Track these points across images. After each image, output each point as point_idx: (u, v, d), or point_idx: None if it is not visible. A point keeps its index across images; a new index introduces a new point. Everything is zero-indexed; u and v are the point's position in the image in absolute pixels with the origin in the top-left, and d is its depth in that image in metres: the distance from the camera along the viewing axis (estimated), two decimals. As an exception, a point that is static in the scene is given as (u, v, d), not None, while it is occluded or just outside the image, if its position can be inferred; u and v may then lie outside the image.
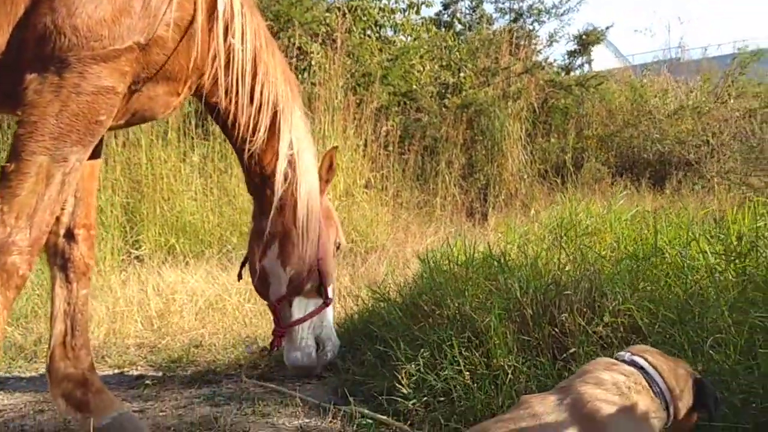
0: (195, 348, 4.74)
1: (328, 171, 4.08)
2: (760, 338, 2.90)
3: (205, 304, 5.65)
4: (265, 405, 3.60)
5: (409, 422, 3.25)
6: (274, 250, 3.84)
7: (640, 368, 2.32)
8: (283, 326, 3.88)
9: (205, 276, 6.27)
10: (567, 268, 3.80)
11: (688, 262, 3.65)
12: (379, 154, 9.68)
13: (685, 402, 2.32)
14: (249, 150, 3.67)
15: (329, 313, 4.07)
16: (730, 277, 3.46)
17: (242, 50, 3.50)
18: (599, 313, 3.39)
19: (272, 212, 3.78)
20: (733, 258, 3.58)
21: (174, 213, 7.87)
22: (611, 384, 2.27)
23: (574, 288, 3.52)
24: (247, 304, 5.59)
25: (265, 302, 4.07)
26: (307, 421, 3.40)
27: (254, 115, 3.61)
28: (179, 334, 5.11)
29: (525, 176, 10.38)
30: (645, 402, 2.24)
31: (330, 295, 4.02)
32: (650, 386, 2.28)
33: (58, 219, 3.28)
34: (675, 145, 10.90)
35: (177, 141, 8.57)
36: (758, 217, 4.35)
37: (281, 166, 3.75)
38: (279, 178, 3.75)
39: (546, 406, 2.27)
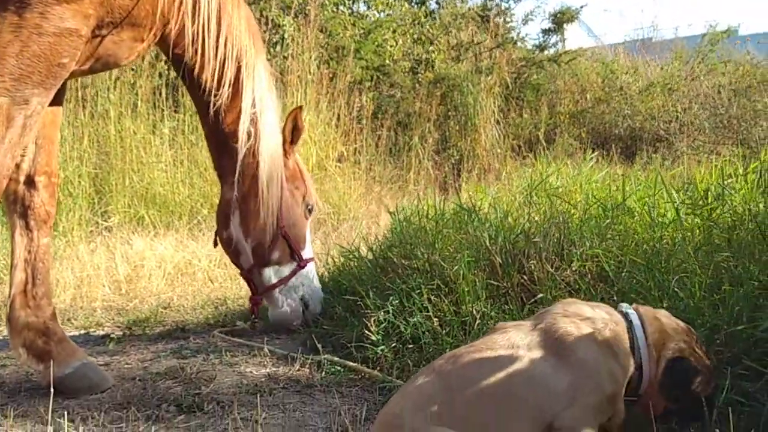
0: (163, 309, 4.68)
1: (293, 132, 3.99)
2: (725, 277, 2.92)
3: (174, 270, 5.59)
4: (232, 356, 3.56)
5: (378, 368, 3.23)
6: (237, 219, 3.81)
7: (629, 321, 2.30)
8: (258, 294, 3.87)
9: (174, 244, 6.20)
10: (536, 219, 3.79)
11: (655, 211, 3.66)
12: (352, 128, 9.63)
13: (655, 371, 2.22)
14: (214, 105, 3.63)
15: (312, 271, 4.02)
16: (697, 224, 3.49)
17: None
18: (567, 260, 3.39)
19: (235, 177, 3.74)
20: (699, 207, 3.60)
21: (143, 184, 7.77)
22: (588, 317, 2.25)
23: (543, 237, 3.52)
24: (217, 269, 5.54)
25: (239, 271, 4.05)
26: (275, 369, 3.37)
27: (218, 69, 3.56)
28: (147, 297, 5.05)
29: (498, 151, 10.39)
30: (617, 345, 2.20)
31: (308, 255, 3.98)
32: (630, 337, 2.23)
33: (18, 166, 3.21)
34: (646, 121, 10.97)
35: (147, 113, 8.46)
36: (724, 176, 4.39)
37: (244, 125, 3.70)
38: (242, 137, 3.69)
39: (520, 332, 2.27)
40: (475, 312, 3.24)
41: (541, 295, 3.23)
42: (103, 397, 3.09)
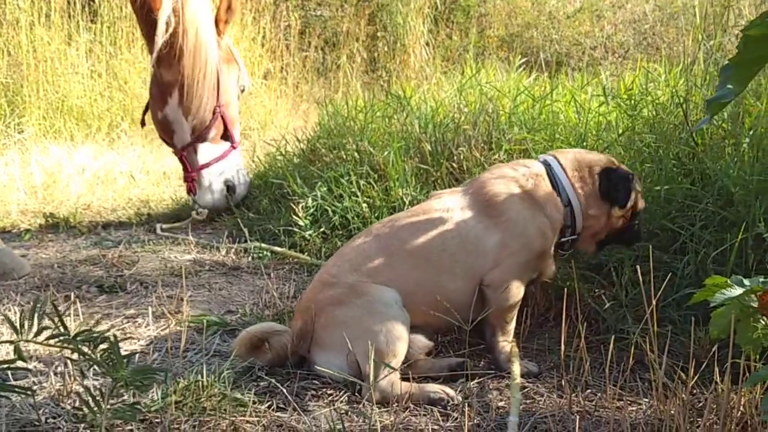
0: (84, 209, 4.50)
1: (227, 11, 3.93)
2: (647, 158, 2.99)
3: (94, 177, 5.37)
4: (156, 245, 3.47)
5: (306, 253, 3.20)
6: (175, 99, 3.79)
7: (548, 165, 2.33)
8: (193, 171, 3.82)
9: (93, 152, 5.96)
10: (466, 110, 3.78)
11: (582, 106, 3.70)
12: (279, 45, 9.38)
13: (588, 192, 2.29)
14: None
15: (238, 156, 4.06)
16: (621, 118, 3.55)
17: None
18: (496, 147, 3.41)
19: (174, 60, 3.72)
20: (624, 103, 3.65)
21: (59, 96, 7.41)
22: (512, 177, 2.28)
23: (473, 125, 3.52)
24: (139, 174, 5.36)
25: (171, 150, 4.03)
26: (200, 256, 3.30)
27: None
28: (66, 201, 4.84)
29: (427, 72, 10.32)
30: (541, 193, 2.25)
31: (237, 139, 3.99)
32: (552, 181, 2.29)
33: None
34: (573, 46, 11.07)
35: (61, 23, 8.01)
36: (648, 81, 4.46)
37: (164, 13, 3.63)
38: (161, 26, 3.63)
39: (453, 196, 2.29)
40: (404, 196, 3.23)
41: (470, 180, 3.24)
42: (20, 282, 2.97)
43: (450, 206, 2.25)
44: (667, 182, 2.74)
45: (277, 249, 3.25)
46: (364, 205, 3.25)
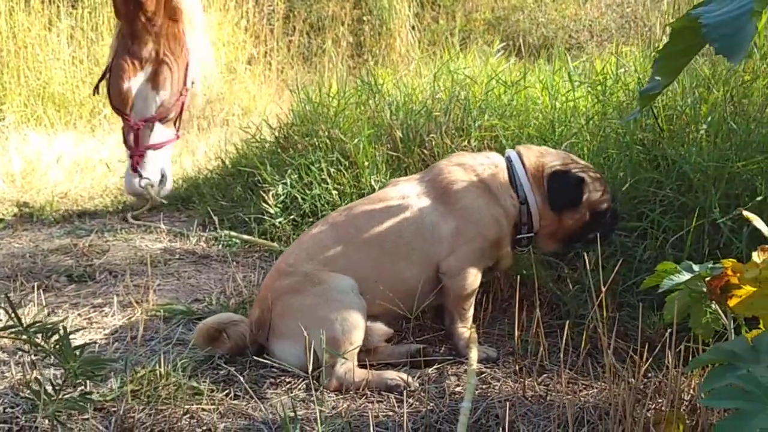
0: (60, 198, 4.50)
1: None
2: (612, 144, 3.01)
3: (73, 165, 5.37)
4: (128, 233, 3.48)
5: (276, 241, 3.22)
6: (147, 73, 3.87)
7: (510, 161, 2.34)
8: (143, 147, 3.85)
9: (73, 140, 5.95)
10: (438, 96, 3.78)
11: (554, 88, 3.71)
12: (263, 30, 9.34)
13: (542, 193, 2.29)
14: None
15: (172, 148, 4.20)
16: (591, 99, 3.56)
17: None
18: (467, 134, 3.42)
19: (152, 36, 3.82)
20: (594, 84, 3.66)
21: (40, 83, 7.37)
22: (468, 165, 2.30)
23: (445, 113, 3.53)
24: (119, 163, 5.35)
25: (121, 120, 4.07)
26: (171, 244, 3.31)
27: None
28: (44, 189, 4.84)
29: (413, 56, 10.29)
30: (497, 183, 2.27)
31: (179, 130, 4.11)
32: (511, 175, 2.30)
33: None
34: (559, 29, 11.06)
35: (41, 8, 7.95)
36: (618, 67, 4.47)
37: None
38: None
39: (410, 184, 2.31)
40: (374, 183, 3.24)
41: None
42: (-10, 271, 2.98)
43: (406, 193, 2.26)
44: (633, 169, 2.76)
45: (246, 237, 3.26)
46: (335, 192, 3.26)
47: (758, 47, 2.87)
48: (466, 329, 2.25)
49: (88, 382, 1.84)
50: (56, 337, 1.68)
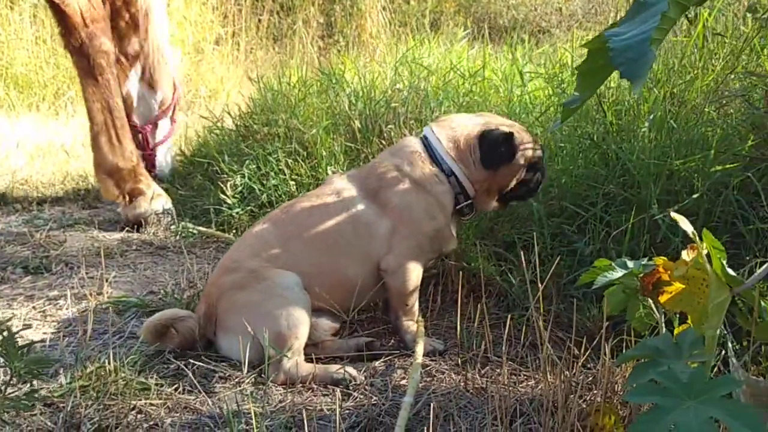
0: (20, 185, 4.48)
1: None
2: (565, 134, 3.07)
3: (35, 150, 5.33)
4: (86, 224, 3.49)
5: (233, 232, 3.25)
6: (138, 72, 3.79)
7: (426, 139, 2.36)
8: (152, 147, 3.86)
9: (36, 123, 5.89)
10: (398, 86, 3.82)
11: (512, 79, 3.76)
12: (231, 9, 9.25)
13: (469, 157, 2.32)
14: None
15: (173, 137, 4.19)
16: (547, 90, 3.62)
17: None
18: (425, 124, 3.46)
19: (140, 37, 3.79)
20: (550, 76, 3.72)
21: (2, 64, 7.27)
22: (392, 163, 2.32)
23: (403, 103, 3.56)
24: (81, 147, 5.32)
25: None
26: (129, 235, 3.33)
27: None
28: (4, 175, 4.80)
29: (384, 38, 10.27)
30: (420, 173, 2.29)
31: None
32: (430, 155, 2.32)
33: None
34: (530, 12, 11.10)
35: (3, -13, 7.82)
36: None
37: None
38: None
39: (343, 181, 2.34)
40: (332, 174, 3.27)
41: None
42: (-57, 262, 2.98)
43: (342, 191, 2.30)
44: (584, 163, 2.82)
45: (202, 229, 3.29)
46: (292, 183, 3.30)
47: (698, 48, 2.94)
48: (412, 322, 2.30)
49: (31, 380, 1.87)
50: (1, 337, 1.71)
